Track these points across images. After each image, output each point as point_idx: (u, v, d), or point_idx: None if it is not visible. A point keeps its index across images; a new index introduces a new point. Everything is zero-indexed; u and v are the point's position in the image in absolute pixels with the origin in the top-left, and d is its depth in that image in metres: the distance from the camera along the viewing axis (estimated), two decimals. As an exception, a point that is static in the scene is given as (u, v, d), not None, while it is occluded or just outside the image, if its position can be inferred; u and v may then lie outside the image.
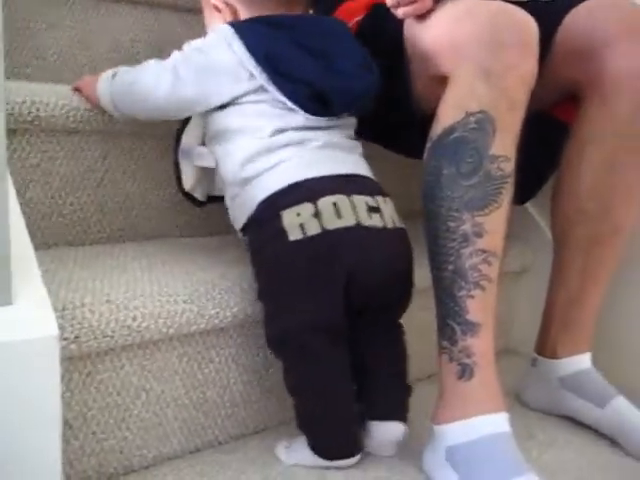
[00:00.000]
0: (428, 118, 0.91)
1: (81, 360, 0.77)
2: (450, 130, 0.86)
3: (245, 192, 0.86)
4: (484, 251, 0.85)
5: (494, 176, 0.84)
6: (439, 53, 0.90)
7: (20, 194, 0.92)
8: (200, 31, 0.98)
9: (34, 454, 0.62)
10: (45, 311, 0.64)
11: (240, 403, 0.93)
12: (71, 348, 0.73)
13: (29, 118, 0.91)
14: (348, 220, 0.81)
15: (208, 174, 0.98)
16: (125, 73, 0.92)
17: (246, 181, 0.86)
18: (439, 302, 0.88)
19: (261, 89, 0.87)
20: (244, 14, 0.93)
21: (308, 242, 0.80)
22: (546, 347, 1.12)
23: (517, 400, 1.15)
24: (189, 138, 0.97)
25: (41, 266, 0.70)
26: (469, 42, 0.85)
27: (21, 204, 0.81)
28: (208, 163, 0.93)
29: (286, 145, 0.85)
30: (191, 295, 0.83)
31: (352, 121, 0.94)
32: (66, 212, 0.98)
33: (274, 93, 0.86)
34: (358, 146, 0.93)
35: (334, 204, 0.81)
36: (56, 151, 0.96)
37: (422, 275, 0.89)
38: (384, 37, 1.00)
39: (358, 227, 0.82)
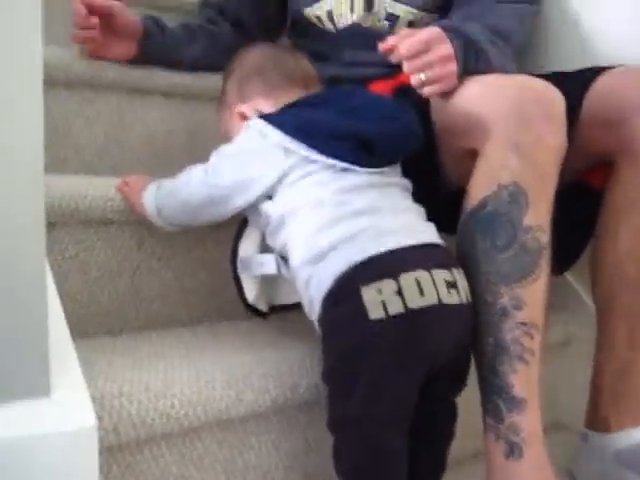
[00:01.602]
0: (459, 192, 0.91)
1: (120, 451, 0.76)
2: (483, 203, 0.86)
3: (320, 268, 0.81)
4: (525, 324, 0.84)
5: (530, 247, 0.84)
6: (467, 128, 0.91)
7: (59, 285, 0.93)
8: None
9: None
10: (83, 402, 0.64)
11: (282, 490, 0.90)
12: (110, 438, 0.72)
13: (68, 211, 0.93)
14: (431, 299, 0.77)
15: (270, 283, 0.98)
16: (168, 181, 0.94)
17: (319, 257, 0.81)
18: (482, 378, 0.86)
19: (303, 162, 0.85)
20: (269, 110, 0.94)
21: (391, 322, 0.76)
22: (597, 421, 1.08)
23: (569, 478, 1.10)
24: (246, 248, 0.96)
25: (79, 356, 0.71)
26: (496, 117, 0.86)
27: (60, 295, 0.82)
28: (270, 270, 0.91)
29: (356, 214, 0.82)
30: (229, 381, 0.82)
31: (406, 183, 0.91)
32: (103, 301, 0.99)
33: (319, 159, 0.84)
34: (423, 210, 0.90)
35: (417, 281, 0.77)
36: (93, 241, 0.97)
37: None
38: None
39: (440, 306, 0.78)
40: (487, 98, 0.90)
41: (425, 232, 0.85)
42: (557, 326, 1.28)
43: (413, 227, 0.84)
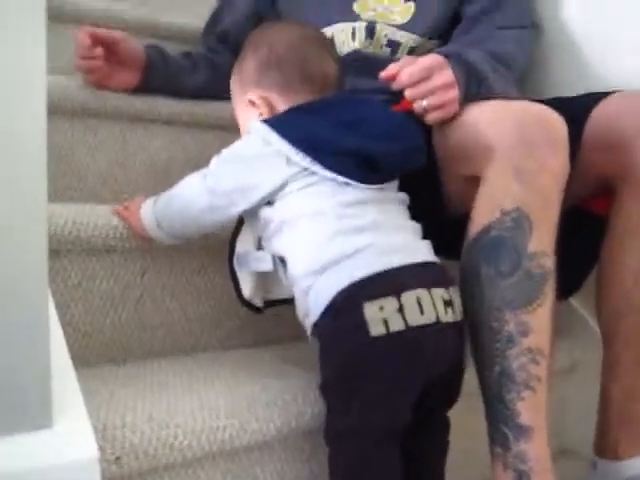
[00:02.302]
0: (462, 218, 0.91)
1: (122, 482, 0.75)
2: (486, 230, 0.86)
3: (320, 281, 0.82)
4: (531, 350, 0.83)
5: (535, 273, 0.83)
6: (470, 154, 0.91)
7: (62, 313, 0.93)
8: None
9: None
10: (85, 433, 0.63)
11: (287, 521, 0.89)
12: (112, 470, 0.71)
13: (70, 238, 0.93)
14: (429, 317, 0.79)
15: (265, 279, 0.97)
16: (165, 193, 0.94)
17: (323, 269, 0.82)
18: (488, 405, 0.86)
19: (305, 173, 0.85)
20: (280, 106, 0.94)
21: (391, 339, 0.77)
22: (606, 448, 1.06)
23: (579, 507, 1.09)
24: (243, 244, 0.95)
25: (82, 385, 0.70)
26: (499, 142, 0.86)
27: (62, 324, 0.81)
28: (266, 267, 0.90)
29: (358, 230, 0.82)
30: (233, 410, 0.81)
31: (403, 196, 0.91)
32: (106, 330, 0.98)
33: (320, 172, 0.84)
34: (419, 227, 0.90)
35: (417, 300, 0.79)
36: (96, 270, 0.97)
37: (469, 377, 0.87)
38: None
39: (438, 324, 0.79)
40: (489, 124, 0.90)
41: (423, 250, 0.86)
42: (562, 351, 1.27)
43: (412, 245, 0.85)
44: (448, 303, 0.81)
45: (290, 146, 0.84)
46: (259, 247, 0.94)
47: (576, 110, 1.01)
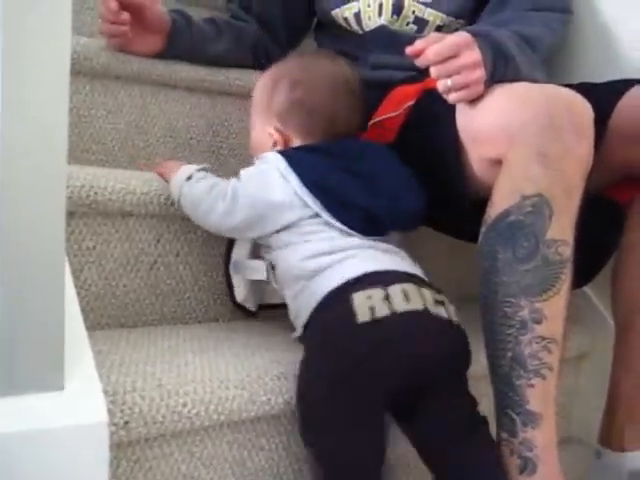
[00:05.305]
0: (482, 201, 0.90)
1: (130, 446, 0.75)
2: (505, 214, 0.85)
3: (314, 282, 0.87)
4: (543, 338, 0.82)
5: (552, 260, 0.82)
6: (493, 137, 0.90)
7: (75, 276, 0.93)
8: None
9: None
10: (95, 396, 0.64)
11: (290, 493, 0.90)
12: (120, 434, 0.71)
13: (87, 201, 0.93)
14: (416, 304, 0.81)
15: (259, 284, 1.02)
16: (195, 183, 0.95)
17: (315, 272, 0.87)
18: (497, 391, 0.85)
19: (316, 215, 0.90)
20: (296, 143, 0.99)
21: (376, 323, 0.79)
22: (611, 438, 1.06)
23: (581, 495, 1.09)
24: (239, 252, 1.00)
25: (93, 347, 0.70)
26: (524, 126, 0.85)
27: (75, 286, 0.82)
28: (260, 276, 0.96)
29: (348, 248, 0.88)
30: (242, 381, 0.82)
31: (397, 235, 0.96)
32: (119, 294, 0.98)
33: (329, 220, 0.89)
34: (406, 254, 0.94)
35: (403, 291, 0.81)
36: (111, 234, 0.97)
37: (477, 362, 0.86)
38: (435, 122, 1.01)
39: (426, 312, 0.81)
40: (514, 107, 0.89)
41: (410, 266, 0.90)
42: (574, 339, 1.26)
43: (398, 261, 0.89)
44: (439, 302, 0.84)
45: (306, 190, 0.89)
46: (254, 255, 0.99)
47: (603, 97, 0.99)
